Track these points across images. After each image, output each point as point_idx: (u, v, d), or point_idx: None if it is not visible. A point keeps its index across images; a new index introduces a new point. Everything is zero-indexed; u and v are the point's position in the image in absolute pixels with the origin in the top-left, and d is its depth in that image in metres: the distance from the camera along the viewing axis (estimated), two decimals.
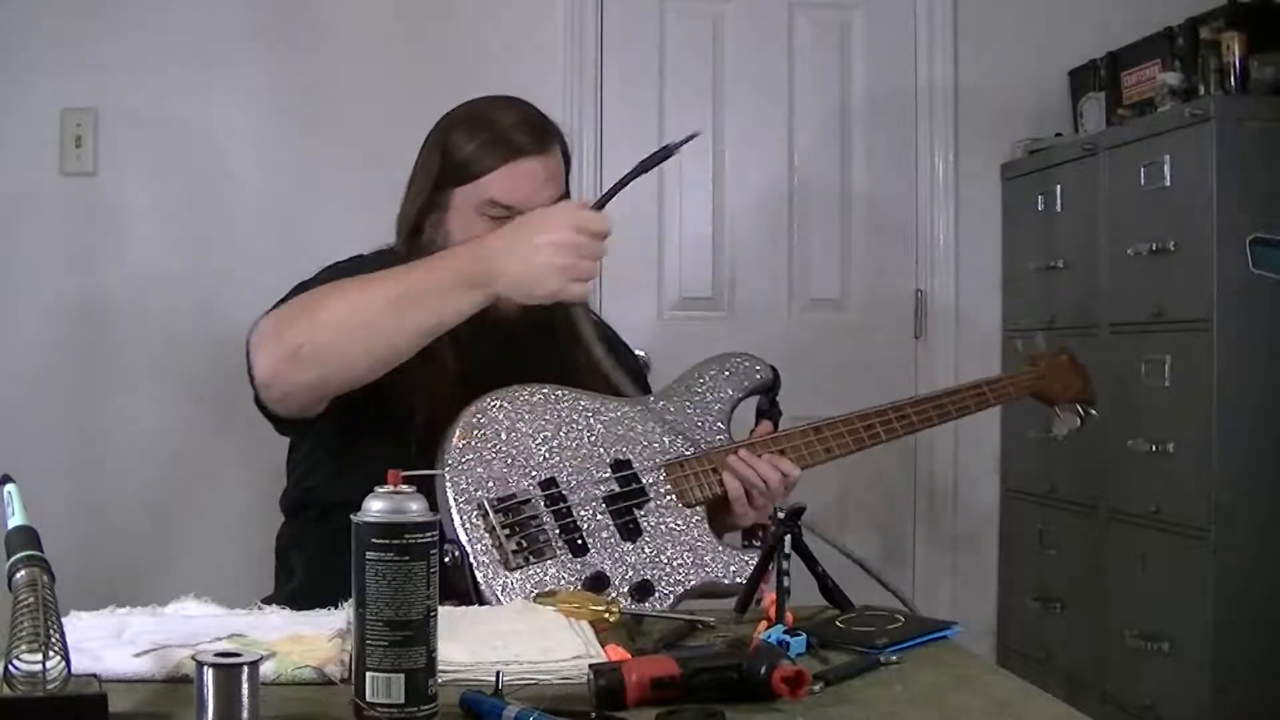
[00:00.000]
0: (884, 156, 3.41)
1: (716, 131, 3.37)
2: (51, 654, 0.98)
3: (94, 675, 1.06)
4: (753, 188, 3.39)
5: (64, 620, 1.04)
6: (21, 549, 1.05)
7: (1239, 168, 2.57)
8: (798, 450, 1.72)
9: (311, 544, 1.69)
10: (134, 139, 3.16)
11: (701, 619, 1.40)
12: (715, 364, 1.78)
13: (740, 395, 1.77)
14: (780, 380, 1.79)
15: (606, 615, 1.35)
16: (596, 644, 1.23)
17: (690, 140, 1.58)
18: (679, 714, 1.06)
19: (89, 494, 3.12)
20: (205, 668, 0.97)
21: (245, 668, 0.98)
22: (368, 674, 1.02)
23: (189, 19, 3.16)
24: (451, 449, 1.55)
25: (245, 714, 0.97)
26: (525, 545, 1.53)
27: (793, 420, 1.80)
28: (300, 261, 1.84)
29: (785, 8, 3.39)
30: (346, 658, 1.12)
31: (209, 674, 0.97)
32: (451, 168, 1.69)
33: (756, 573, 1.48)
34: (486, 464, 1.56)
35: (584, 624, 1.31)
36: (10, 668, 0.98)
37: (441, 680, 1.06)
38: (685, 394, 1.74)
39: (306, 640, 1.20)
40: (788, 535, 1.39)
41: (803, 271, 3.40)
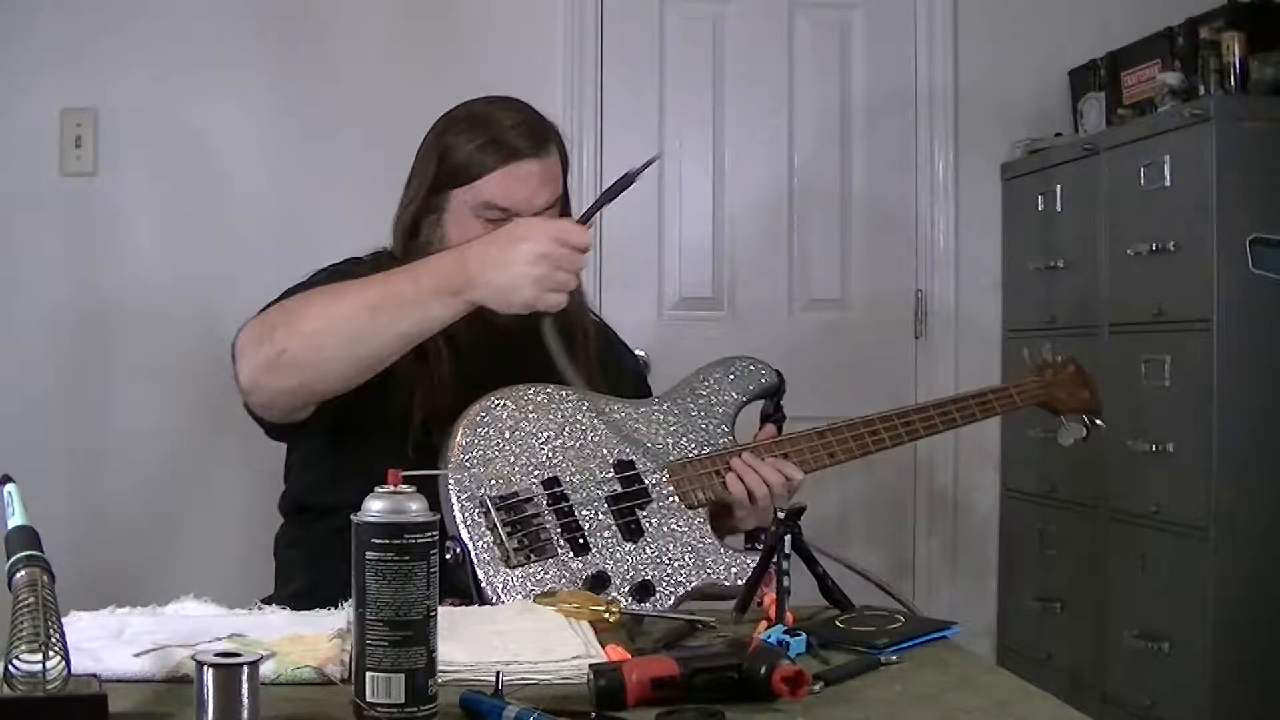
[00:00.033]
0: (884, 156, 3.41)
1: (716, 131, 3.38)
2: (51, 654, 0.98)
3: (94, 675, 1.06)
4: (753, 188, 3.39)
5: (64, 620, 1.04)
6: (21, 549, 1.05)
7: (1239, 168, 2.57)
8: (801, 454, 1.72)
9: (310, 545, 1.69)
10: (134, 139, 3.16)
11: (701, 619, 1.40)
12: (720, 367, 1.77)
13: (745, 399, 1.77)
14: (785, 384, 1.79)
15: (606, 615, 1.35)
16: (596, 644, 1.23)
17: (650, 164, 1.56)
18: (679, 714, 1.06)
19: (89, 494, 3.12)
20: (205, 668, 0.97)
21: (245, 668, 0.98)
22: (368, 674, 1.02)
23: (189, 19, 3.16)
24: (455, 446, 1.55)
25: (245, 714, 0.97)
26: (526, 543, 1.53)
27: (793, 420, 1.80)
28: (300, 261, 1.84)
29: (785, 8, 3.39)
30: (346, 658, 1.12)
31: (209, 674, 0.97)
32: (448, 169, 1.69)
33: (756, 573, 1.48)
34: (489, 462, 1.56)
35: (584, 624, 1.31)
36: (10, 668, 0.98)
37: (441, 680, 1.06)
38: (690, 396, 1.74)
39: (306, 640, 1.20)
40: (788, 535, 1.39)
41: (803, 271, 3.40)
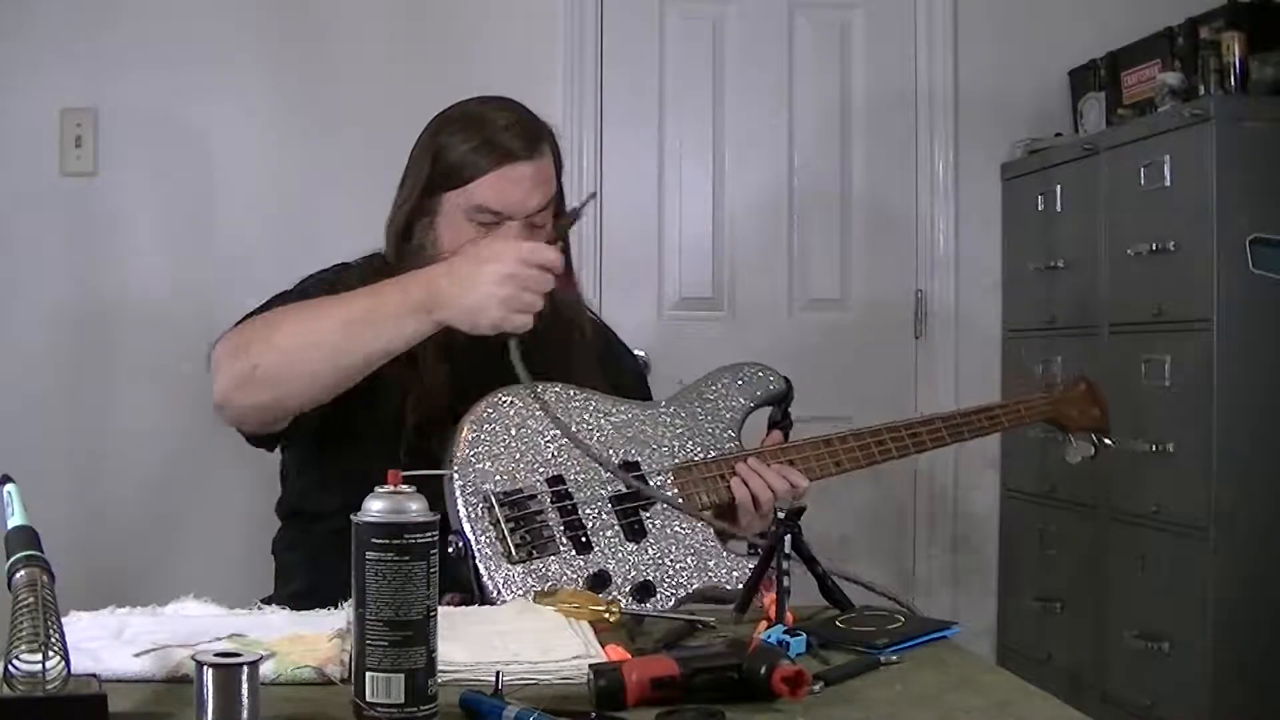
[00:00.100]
0: (884, 156, 3.41)
1: (716, 131, 3.38)
2: (51, 654, 0.98)
3: (94, 675, 1.06)
4: (753, 188, 3.39)
5: (64, 620, 1.04)
6: (21, 549, 1.05)
7: (1239, 168, 2.57)
8: (807, 462, 1.72)
9: (309, 547, 1.69)
10: (134, 139, 3.16)
11: (701, 619, 1.40)
12: (729, 372, 1.77)
13: (752, 405, 1.77)
14: (793, 392, 1.79)
15: (606, 615, 1.35)
16: (596, 644, 1.23)
17: (589, 202, 1.66)
18: (679, 714, 1.06)
19: (89, 494, 3.12)
20: (205, 668, 0.97)
21: (245, 668, 0.98)
22: (368, 674, 1.02)
23: (189, 19, 3.16)
24: (461, 441, 1.56)
25: (245, 714, 0.97)
26: (529, 540, 1.53)
27: (794, 419, 1.80)
28: (300, 261, 1.84)
29: (785, 8, 3.39)
30: (346, 658, 1.12)
31: (209, 674, 0.97)
32: (442, 170, 1.68)
33: (756, 573, 1.48)
34: (495, 458, 1.56)
35: (584, 624, 1.31)
36: (10, 668, 0.98)
37: (441, 680, 1.06)
38: (697, 400, 1.74)
39: (306, 640, 1.20)
40: (788, 535, 1.39)
41: (803, 271, 3.40)
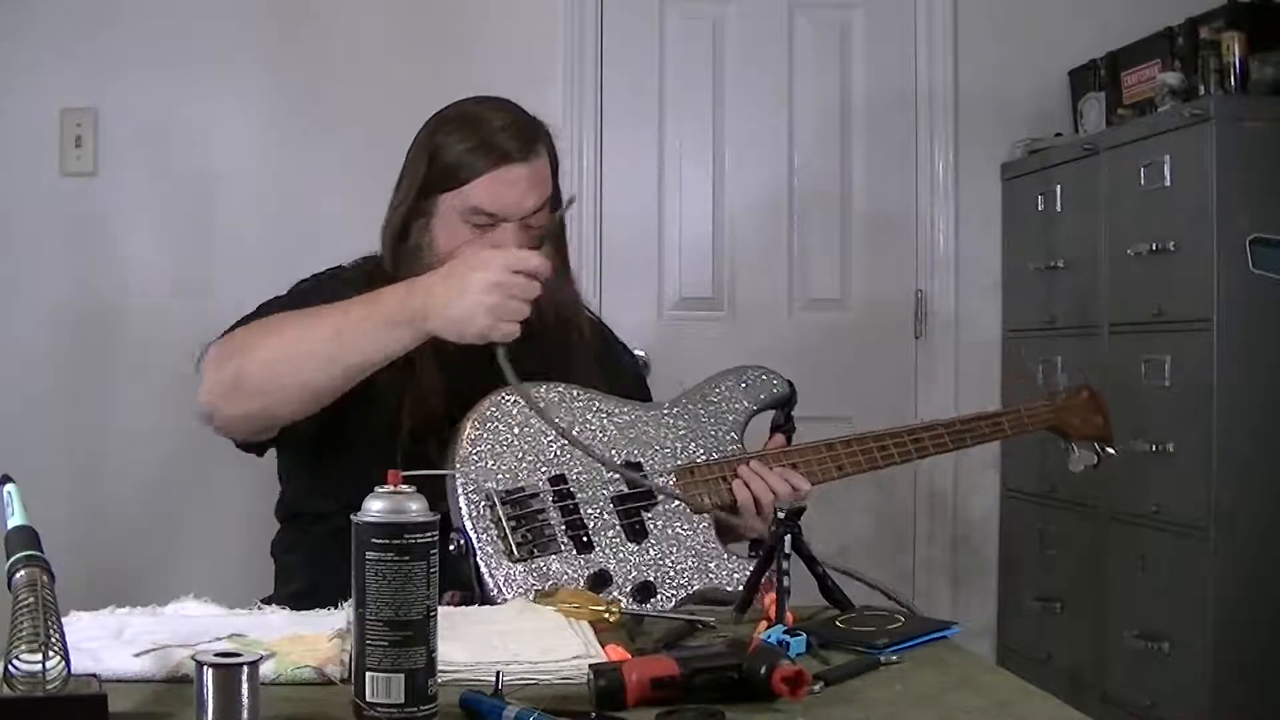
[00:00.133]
0: (884, 156, 3.41)
1: (716, 131, 3.38)
2: (51, 654, 0.98)
3: (94, 675, 1.06)
4: (753, 188, 3.39)
5: (64, 620, 1.04)
6: (21, 549, 1.05)
7: (1239, 168, 2.57)
8: (809, 465, 1.72)
9: (308, 548, 1.69)
10: (134, 139, 3.16)
11: (701, 619, 1.40)
12: (733, 375, 1.78)
13: (756, 408, 1.77)
14: (796, 396, 1.79)
15: (606, 615, 1.35)
16: (596, 644, 1.23)
17: (570, 205, 1.68)
18: (679, 714, 1.06)
19: (89, 494, 3.12)
20: (205, 668, 0.97)
21: (245, 668, 0.98)
22: (368, 674, 1.02)
23: (189, 19, 3.16)
24: (464, 440, 1.56)
25: (245, 714, 0.97)
26: (530, 538, 1.54)
27: (796, 419, 1.80)
28: (300, 261, 1.84)
29: (785, 8, 3.39)
30: (346, 658, 1.12)
31: (209, 674, 0.97)
32: (437, 172, 1.67)
33: (756, 573, 1.48)
34: (497, 456, 1.57)
35: (584, 624, 1.31)
36: (10, 668, 0.98)
37: (441, 680, 1.06)
38: (700, 402, 1.74)
39: (306, 640, 1.20)
40: (788, 535, 1.39)
41: (803, 271, 3.40)
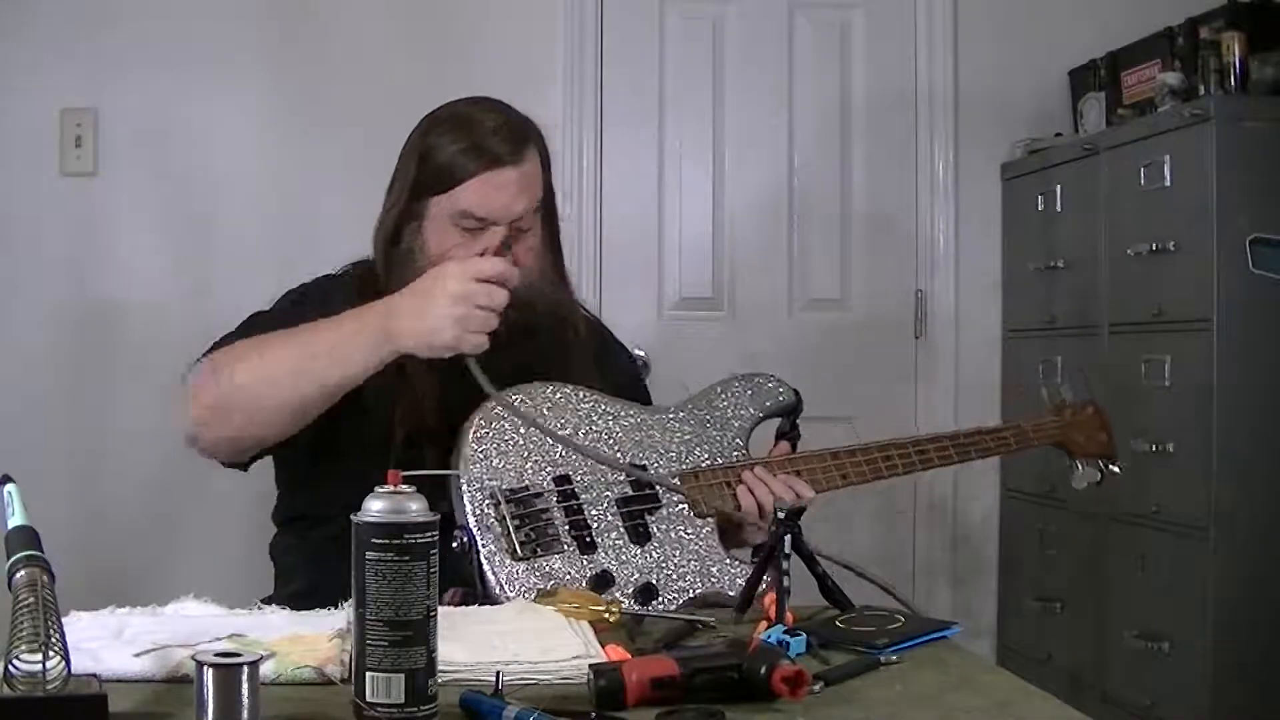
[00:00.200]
0: (884, 157, 3.41)
1: (716, 131, 3.38)
2: (51, 654, 0.98)
3: (94, 675, 1.06)
4: (753, 188, 3.39)
5: (64, 620, 1.04)
6: (21, 549, 1.05)
7: (1239, 168, 2.57)
8: (813, 473, 1.72)
9: (307, 550, 1.69)
10: (134, 139, 3.16)
11: (701, 619, 1.40)
12: (739, 382, 1.78)
13: (761, 415, 1.77)
14: (802, 404, 1.80)
15: (606, 615, 1.35)
16: (596, 644, 1.23)
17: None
18: (679, 714, 1.06)
19: (89, 494, 3.12)
20: (205, 668, 0.97)
21: (245, 668, 0.98)
22: (368, 674, 1.02)
23: (189, 19, 3.16)
24: (470, 438, 1.56)
25: (245, 714, 0.97)
26: (534, 537, 1.54)
27: (802, 426, 1.80)
28: (300, 261, 1.84)
29: (785, 8, 3.39)
30: (346, 658, 1.12)
31: (209, 674, 0.97)
32: (428, 174, 1.67)
33: (756, 573, 1.48)
34: (503, 455, 1.57)
35: (584, 624, 1.31)
36: (10, 668, 0.98)
37: (441, 680, 1.06)
38: (706, 408, 1.75)
39: (306, 640, 1.20)
40: (788, 535, 1.39)
41: (803, 271, 3.40)
